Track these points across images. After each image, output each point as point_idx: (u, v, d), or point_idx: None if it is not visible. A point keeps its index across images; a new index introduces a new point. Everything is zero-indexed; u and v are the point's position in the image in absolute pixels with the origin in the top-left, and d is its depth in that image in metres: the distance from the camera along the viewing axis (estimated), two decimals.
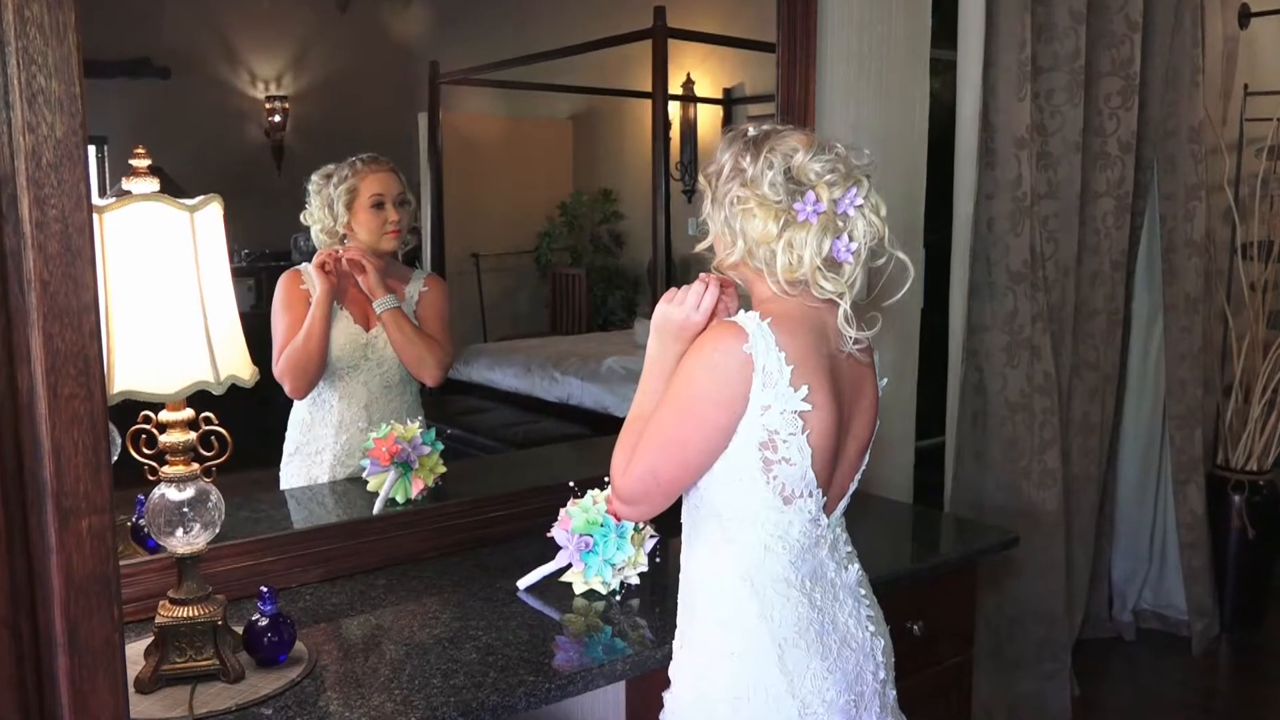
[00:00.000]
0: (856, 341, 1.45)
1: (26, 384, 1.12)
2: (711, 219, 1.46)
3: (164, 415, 1.48)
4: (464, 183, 4.79)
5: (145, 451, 1.50)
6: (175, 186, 1.76)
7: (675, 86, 3.81)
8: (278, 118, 4.75)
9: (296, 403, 2.31)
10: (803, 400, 1.39)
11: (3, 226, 1.09)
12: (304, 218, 2.35)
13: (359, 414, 2.27)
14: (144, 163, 1.43)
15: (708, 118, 4.66)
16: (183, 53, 4.33)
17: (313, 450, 2.28)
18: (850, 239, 1.41)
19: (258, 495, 2.17)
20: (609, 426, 3.71)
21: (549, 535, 1.95)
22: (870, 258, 1.45)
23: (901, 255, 1.47)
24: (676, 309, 1.48)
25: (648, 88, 3.94)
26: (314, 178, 2.32)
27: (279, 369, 2.17)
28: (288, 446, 2.31)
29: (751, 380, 1.37)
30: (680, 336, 1.47)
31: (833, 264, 1.42)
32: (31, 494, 1.13)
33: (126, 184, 1.42)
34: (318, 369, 2.20)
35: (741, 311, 1.43)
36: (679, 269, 3.95)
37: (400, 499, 2.13)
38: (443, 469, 2.18)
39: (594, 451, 2.99)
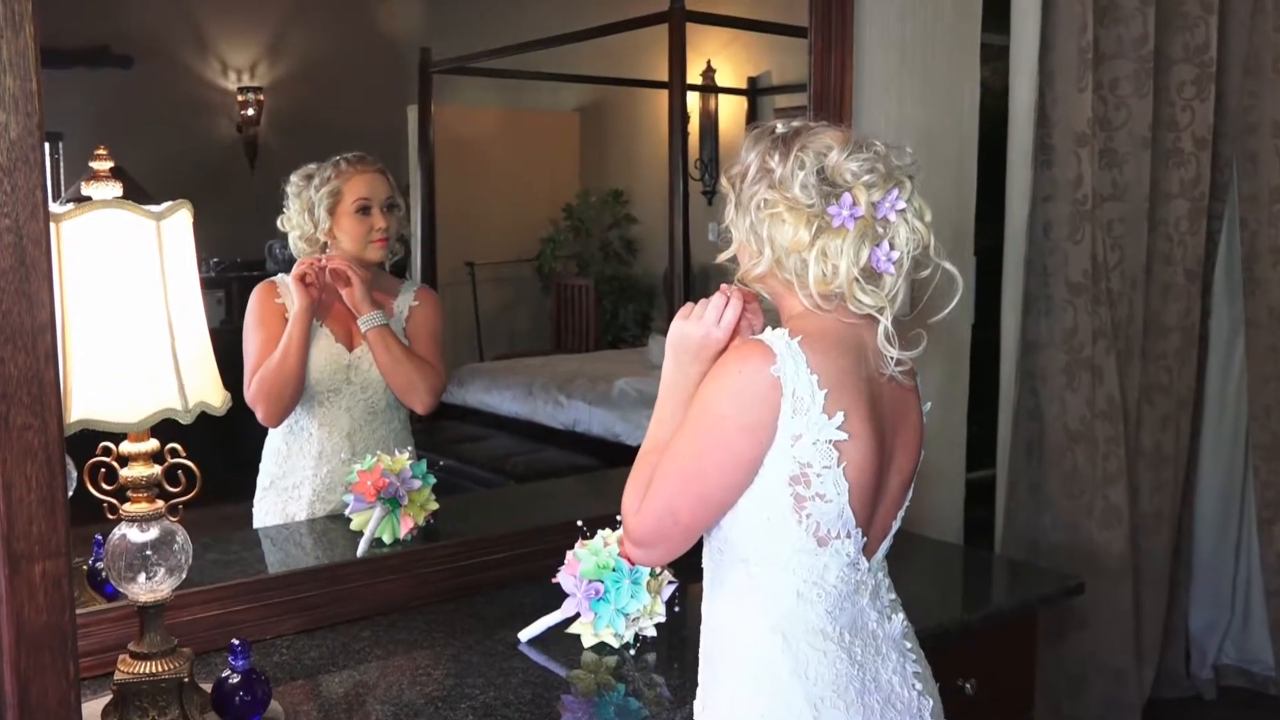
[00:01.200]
0: (899, 363, 1.45)
1: None
2: (735, 225, 1.47)
3: (125, 447, 1.49)
4: (458, 183, 4.83)
5: (104, 487, 1.50)
6: (137, 188, 1.78)
7: (694, 76, 3.83)
8: (251, 111, 4.78)
9: (271, 431, 2.31)
10: (838, 429, 1.39)
11: None
12: (281, 223, 2.37)
13: (341, 443, 2.28)
14: (105, 165, 1.45)
15: (730, 110, 4.68)
16: (146, 40, 4.37)
17: (289, 484, 2.29)
18: (891, 247, 1.42)
19: (228, 534, 2.17)
20: (621, 457, 3.71)
21: (554, 581, 1.95)
22: (914, 268, 1.45)
23: (949, 266, 1.47)
24: (694, 325, 1.49)
25: (663, 77, 3.95)
26: (293, 179, 2.33)
27: (251, 393, 2.18)
28: (261, 480, 2.32)
29: (780, 406, 1.37)
30: (699, 356, 1.48)
31: (872, 275, 1.42)
32: None
33: (86, 188, 1.43)
34: (294, 393, 2.21)
35: (768, 329, 1.43)
36: (698, 279, 3.96)
37: (387, 539, 2.13)
38: (435, 505, 2.18)
39: (604, 485, 2.99)
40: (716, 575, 1.51)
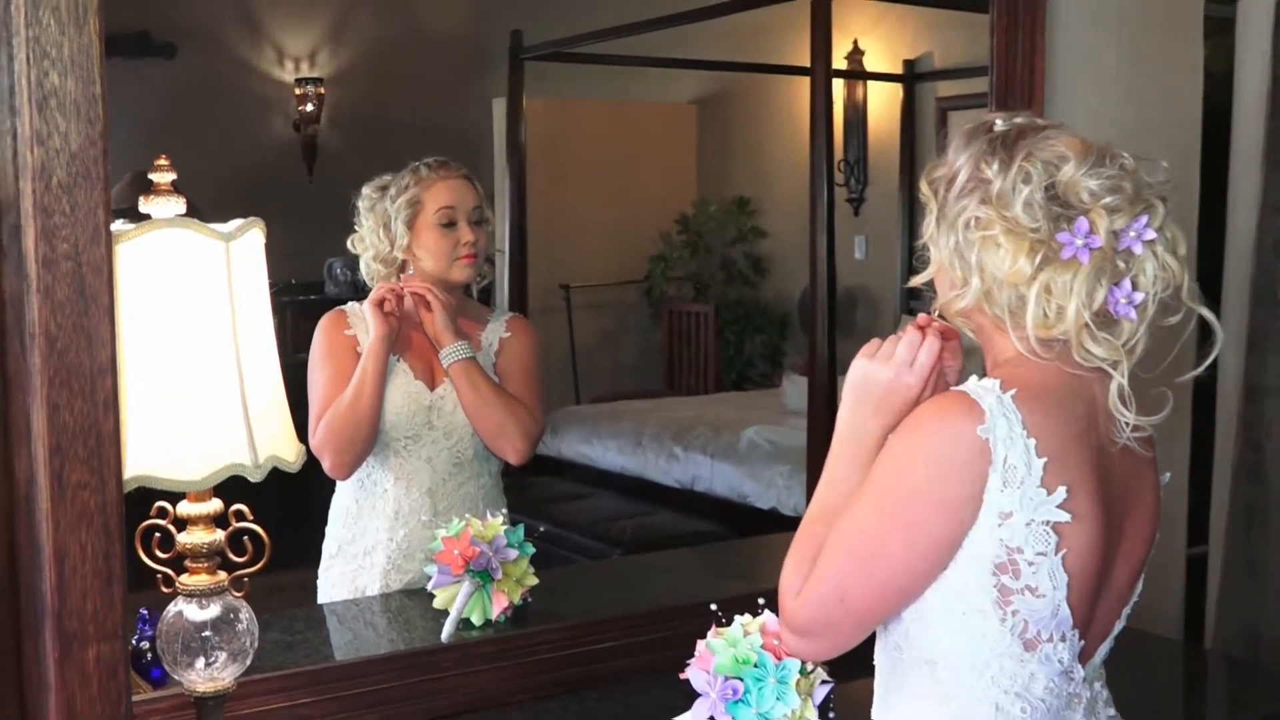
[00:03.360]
0: (1135, 428, 1.41)
1: (25, 469, 1.16)
2: (935, 243, 1.45)
3: (184, 508, 1.51)
4: (553, 191, 4.88)
5: (159, 555, 1.53)
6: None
7: (838, 59, 3.81)
8: (310, 106, 4.90)
9: (340, 487, 2.34)
10: (1059, 507, 1.35)
11: (2, 266, 1.14)
12: (352, 244, 2.39)
13: (421, 501, 2.29)
14: (167, 177, 1.48)
15: (881, 100, 4.65)
16: (191, 25, 4.50)
17: (360, 550, 2.31)
18: (1134, 287, 1.38)
19: (290, 609, 2.20)
20: (750, 522, 3.67)
21: (682, 677, 1.92)
22: (1160, 313, 1.41)
23: (1206, 313, 1.43)
24: (881, 367, 1.46)
25: (800, 60, 3.90)
26: (365, 191, 2.37)
27: (317, 439, 2.20)
28: (328, 545, 2.35)
29: (987, 476, 1.34)
30: (885, 406, 1.45)
31: (1106, 320, 1.38)
32: (27, 615, 1.16)
33: (144, 204, 1.46)
34: (367, 438, 2.23)
35: (972, 377, 1.40)
36: (842, 305, 3.92)
37: (476, 620, 2.13)
38: (533, 580, 2.18)
39: (734, 559, 2.96)
40: (894, 678, 1.48)
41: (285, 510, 2.08)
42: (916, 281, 1.49)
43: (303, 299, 3.89)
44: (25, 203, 1.13)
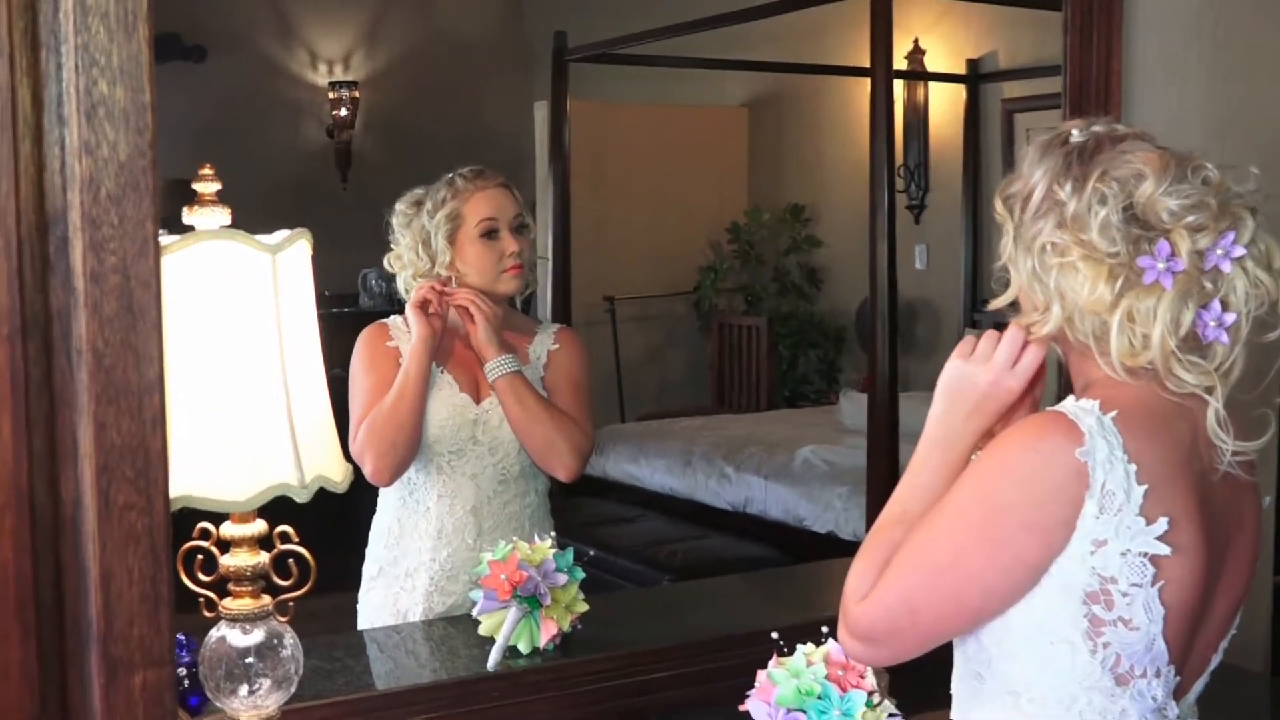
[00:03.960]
0: (1236, 453, 1.40)
1: (71, 490, 1.17)
2: (1014, 264, 1.44)
3: (228, 529, 1.53)
4: (597, 198, 4.90)
5: (201, 578, 1.54)
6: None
7: (898, 59, 3.81)
8: (344, 111, 4.94)
9: (380, 508, 2.36)
10: (1159, 540, 1.34)
11: (49, 280, 1.15)
12: (389, 263, 2.40)
13: (465, 520, 2.31)
14: (211, 187, 1.50)
15: (943, 102, 4.65)
16: (222, 28, 4.56)
17: (401, 571, 2.33)
18: (1224, 307, 1.36)
19: (328, 634, 2.21)
20: (806, 546, 3.65)
21: (742, 709, 1.92)
22: (1256, 331, 1.39)
23: None
24: (980, 369, 1.46)
25: (857, 61, 3.91)
26: (399, 207, 2.38)
27: (358, 444, 2.23)
28: (368, 567, 2.37)
29: (1083, 502, 1.33)
30: (981, 410, 1.45)
31: (1196, 344, 1.37)
32: (73, 639, 1.18)
33: (188, 215, 1.49)
34: (409, 442, 2.25)
35: (1069, 398, 1.39)
36: (904, 317, 3.91)
37: (524, 648, 2.14)
38: (583, 607, 2.18)
39: (791, 585, 2.95)
40: (971, 708, 1.48)
41: (321, 531, 2.11)
42: (998, 304, 1.47)
43: (337, 312, 3.93)
44: (73, 214, 1.15)
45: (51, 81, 1.15)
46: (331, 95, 4.49)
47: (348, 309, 4.23)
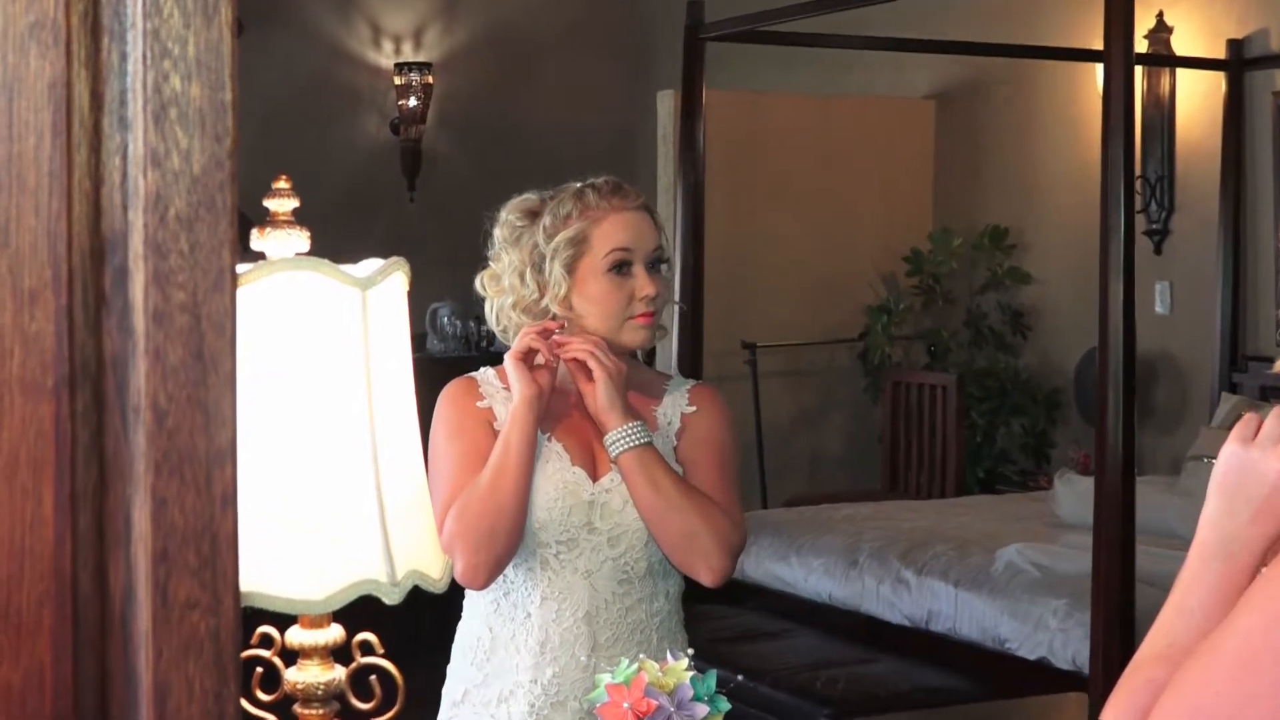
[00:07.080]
0: None
1: (121, 581, 1.22)
2: None
3: (296, 635, 1.58)
4: (737, 216, 4.94)
5: (260, 697, 1.59)
6: (240, 216, 1.90)
7: (1137, 40, 3.80)
8: (413, 100, 5.07)
9: (467, 613, 2.40)
10: None
11: (104, 319, 1.21)
12: (482, 284, 2.44)
13: (576, 631, 2.34)
14: (287, 205, 1.56)
15: (1195, 93, 4.62)
16: None
17: (493, 695, 2.36)
18: None
19: None
20: (1013, 679, 3.59)
21: None
22: None
23: None
24: (1268, 456, 1.46)
25: (1080, 42, 3.94)
26: (508, 217, 2.41)
27: (446, 534, 2.26)
28: (451, 689, 2.41)
29: None
30: (1270, 509, 1.45)
31: None
32: None
33: (258, 240, 1.55)
34: (511, 531, 2.29)
35: None
36: (1140, 378, 3.86)
37: None
38: None
39: None
40: None
41: (399, 642, 2.17)
42: None
43: None
44: (134, 239, 1.20)
45: (114, 76, 1.21)
46: (398, 80, 4.53)
47: (414, 354, 4.32)
